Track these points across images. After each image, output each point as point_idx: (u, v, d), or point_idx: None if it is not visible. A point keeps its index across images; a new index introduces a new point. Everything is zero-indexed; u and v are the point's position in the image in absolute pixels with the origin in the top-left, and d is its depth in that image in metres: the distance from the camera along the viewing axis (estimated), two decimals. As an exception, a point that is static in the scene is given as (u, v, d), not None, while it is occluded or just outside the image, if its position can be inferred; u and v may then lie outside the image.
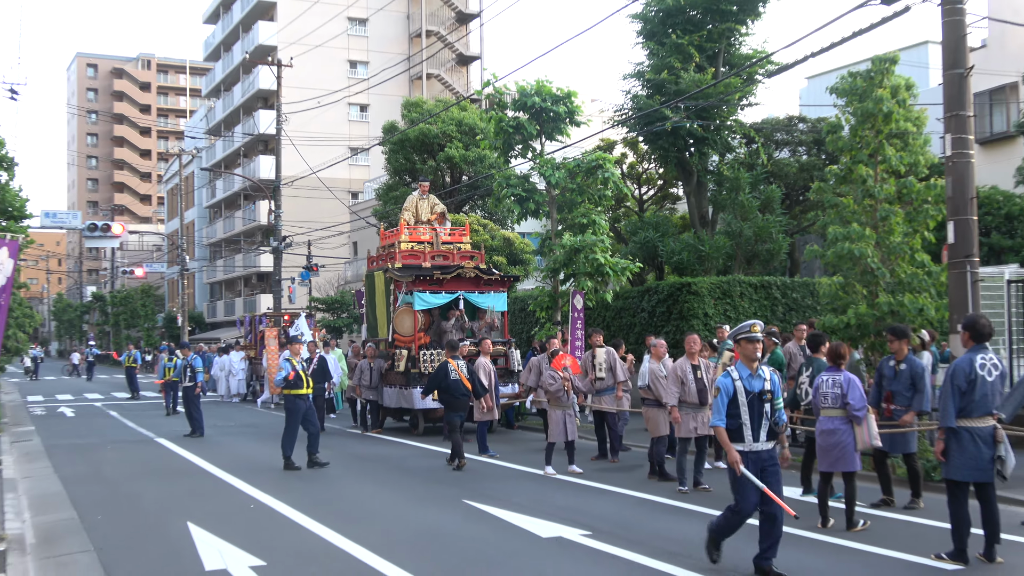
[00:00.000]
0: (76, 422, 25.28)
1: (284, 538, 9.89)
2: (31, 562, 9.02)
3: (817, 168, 28.72)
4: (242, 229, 67.68)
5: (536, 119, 23.09)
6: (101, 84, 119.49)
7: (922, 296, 15.10)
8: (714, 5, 29.13)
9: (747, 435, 7.72)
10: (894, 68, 16.34)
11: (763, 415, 7.80)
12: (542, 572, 8.25)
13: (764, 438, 7.82)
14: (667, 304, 24.02)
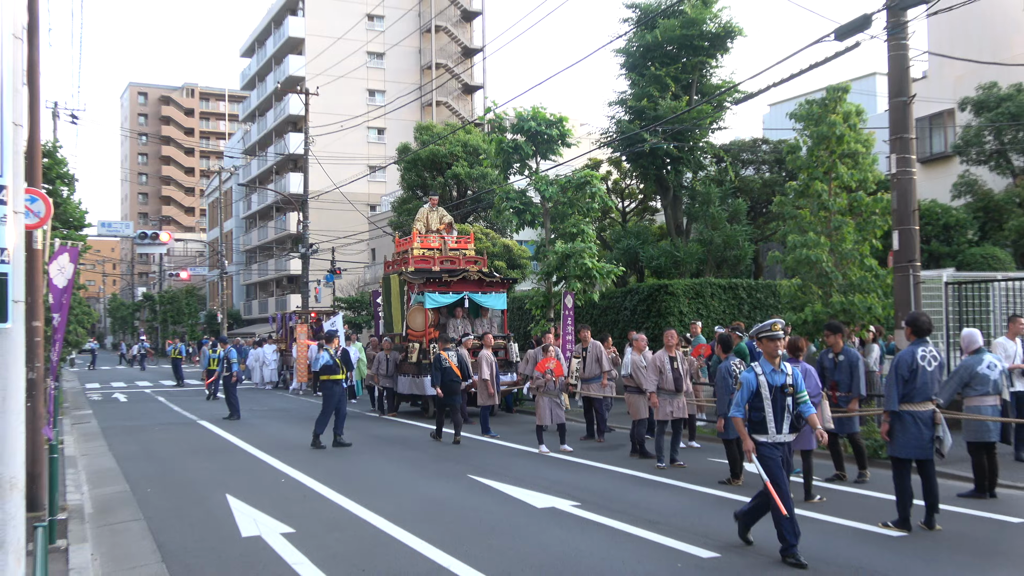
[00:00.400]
0: (128, 406, 25.26)
1: (311, 508, 9.89)
2: (89, 529, 9.01)
3: (778, 184, 28.71)
4: (274, 237, 67.67)
5: (532, 141, 23.11)
6: (150, 110, 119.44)
7: (870, 296, 15.11)
8: (688, 41, 29.17)
9: (770, 427, 7.43)
10: (846, 96, 16.37)
11: (785, 408, 7.48)
12: (537, 538, 8.23)
13: (787, 430, 7.49)
14: (647, 303, 24.02)
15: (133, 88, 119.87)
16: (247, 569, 7.39)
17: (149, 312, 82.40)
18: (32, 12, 9.28)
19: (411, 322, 21.00)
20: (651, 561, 7.37)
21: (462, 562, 7.33)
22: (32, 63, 9.16)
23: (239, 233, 76.53)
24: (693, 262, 28.26)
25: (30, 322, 8.96)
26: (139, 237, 58.75)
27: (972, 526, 8.52)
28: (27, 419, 5.57)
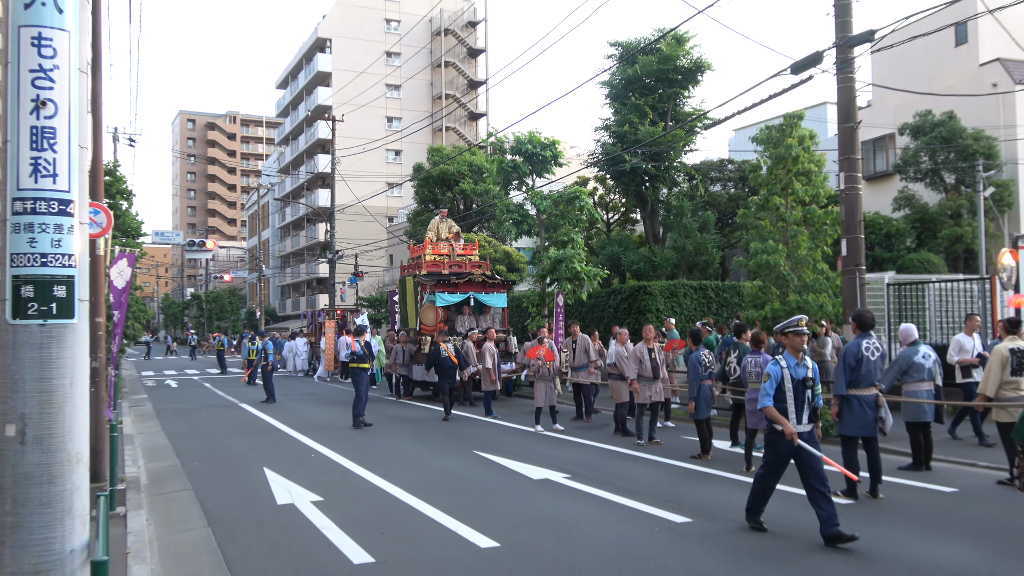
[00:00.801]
0: (179, 392, 25.25)
1: (337, 479, 9.88)
2: (144, 498, 9.01)
3: (742, 198, 28.72)
4: (305, 245, 67.73)
5: (529, 161, 23.13)
6: (198, 134, 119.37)
7: (822, 296, 15.13)
8: (664, 75, 29.20)
9: (792, 418, 6.94)
10: (800, 122, 16.39)
11: (805, 400, 6.95)
12: (533, 505, 8.22)
13: (806, 420, 6.93)
14: (628, 302, 24.01)
15: (183, 115, 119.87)
16: (281, 532, 7.38)
17: (196, 309, 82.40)
18: (95, 50, 9.28)
19: (424, 318, 21.00)
20: (632, 525, 7.37)
21: (467, 525, 7.32)
22: (95, 94, 9.16)
23: (275, 241, 76.57)
24: (668, 266, 28.27)
25: (93, 318, 8.96)
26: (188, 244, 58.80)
27: (911, 495, 8.53)
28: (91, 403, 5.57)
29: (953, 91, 28.46)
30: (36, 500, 3.06)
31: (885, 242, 26.65)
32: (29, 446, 3.06)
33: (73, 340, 3.19)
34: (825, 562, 6.17)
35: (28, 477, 3.06)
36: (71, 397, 3.16)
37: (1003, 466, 9.30)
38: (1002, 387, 9.02)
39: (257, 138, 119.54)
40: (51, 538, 3.07)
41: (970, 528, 7.13)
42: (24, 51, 3.20)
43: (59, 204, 3.20)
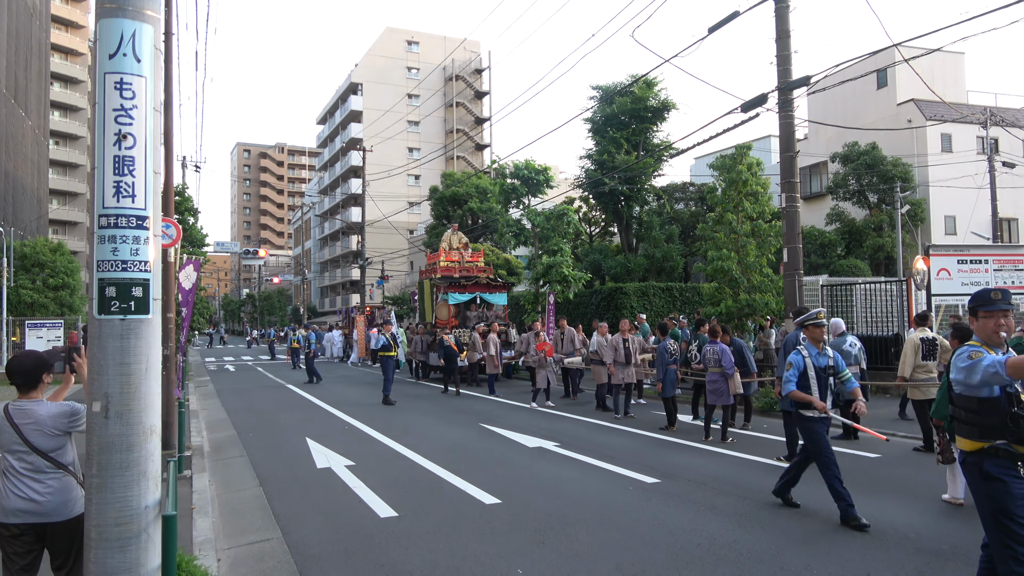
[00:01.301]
0: (236, 375, 25.21)
1: (366, 447, 9.86)
2: (207, 463, 8.99)
3: (701, 215, 28.78)
4: (340, 253, 67.66)
5: (525, 184, 23.15)
6: (252, 162, 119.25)
7: (767, 295, 15.12)
8: (636, 113, 29.22)
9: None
10: (749, 152, 16.38)
11: (828, 387, 6.25)
12: (528, 468, 8.21)
13: (829, 405, 6.22)
14: (607, 300, 24.01)
15: (240, 146, 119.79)
16: (320, 491, 7.37)
17: (251, 307, 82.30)
18: (168, 92, 9.28)
19: (438, 314, 20.99)
20: (611, 484, 7.36)
21: (474, 485, 7.31)
22: (167, 129, 9.15)
23: (315, 250, 76.53)
24: (640, 271, 28.28)
25: (165, 314, 8.95)
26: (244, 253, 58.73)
27: (842, 460, 8.46)
28: (162, 384, 5.55)
29: (875, 126, 28.47)
30: (117, 465, 3.06)
31: (820, 251, 26.65)
32: (111, 420, 3.06)
33: (148, 332, 3.19)
34: (771, 515, 6.16)
35: (110, 446, 3.06)
36: (146, 379, 3.15)
37: (917, 436, 9.30)
38: (915, 370, 9.02)
39: (301, 165, 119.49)
40: (129, 496, 3.07)
41: (890, 488, 7.13)
42: (108, 93, 3.20)
43: (137, 220, 3.20)
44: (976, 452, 3.64)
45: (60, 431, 3.60)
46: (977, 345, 3.71)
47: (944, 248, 14.86)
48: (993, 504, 3.57)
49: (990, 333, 3.71)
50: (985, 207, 26.29)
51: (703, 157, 36.87)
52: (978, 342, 3.75)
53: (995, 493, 3.55)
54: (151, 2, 3.30)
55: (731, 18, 11.94)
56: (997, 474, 3.54)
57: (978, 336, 3.80)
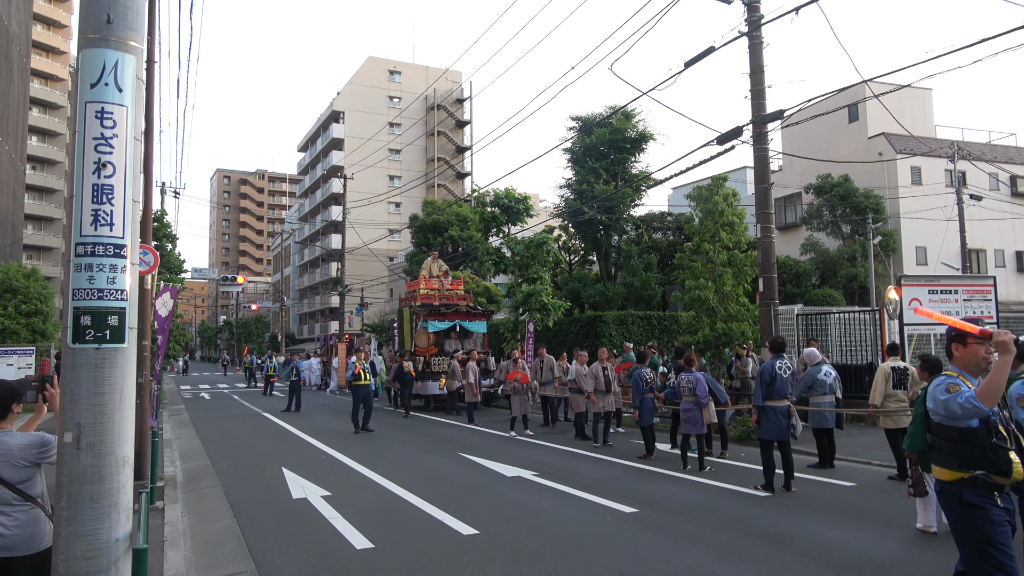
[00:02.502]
0: (211, 403, 24.82)
1: (343, 477, 9.73)
2: (180, 493, 8.81)
3: (679, 244, 29.07)
4: (320, 280, 67.26)
5: (505, 212, 23.26)
6: (232, 188, 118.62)
7: (744, 324, 15.22)
8: (615, 143, 29.59)
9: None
10: (725, 183, 16.60)
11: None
12: (507, 498, 8.15)
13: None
14: (587, 328, 24.06)
15: (220, 172, 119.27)
16: (296, 522, 7.26)
17: (228, 334, 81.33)
18: (149, 120, 9.25)
19: (418, 341, 20.88)
20: (590, 514, 7.33)
21: (452, 515, 7.24)
22: (147, 156, 9.12)
23: (295, 277, 76.05)
24: (619, 299, 28.42)
25: (140, 341, 8.84)
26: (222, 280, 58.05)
27: (818, 489, 8.56)
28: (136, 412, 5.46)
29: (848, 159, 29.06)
30: (88, 496, 3.01)
31: (795, 280, 26.98)
32: (83, 450, 3.01)
33: (123, 361, 3.16)
34: (747, 545, 6.16)
35: (81, 477, 3.01)
36: (120, 409, 3.11)
37: (892, 464, 9.38)
38: (886, 399, 9.13)
39: (281, 191, 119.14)
40: (99, 529, 3.01)
41: (865, 516, 7.17)
42: (89, 122, 3.20)
43: (114, 248, 3.19)
44: (955, 482, 3.65)
45: (29, 462, 3.53)
46: (954, 376, 3.70)
47: (915, 278, 15.13)
48: (974, 532, 3.57)
49: (979, 360, 3.69)
50: (954, 238, 26.86)
51: (681, 187, 37.36)
52: (955, 372, 3.74)
53: (975, 521, 3.56)
54: (134, 33, 3.32)
55: (707, 53, 12.20)
56: (976, 502, 3.55)
57: (957, 365, 3.77)
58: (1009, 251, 31.78)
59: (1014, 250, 31.83)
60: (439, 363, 20.07)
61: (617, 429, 14.25)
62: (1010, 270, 31.48)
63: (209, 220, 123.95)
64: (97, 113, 3.20)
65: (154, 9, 9.42)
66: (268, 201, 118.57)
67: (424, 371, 20.04)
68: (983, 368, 3.67)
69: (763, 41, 12.70)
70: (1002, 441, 3.53)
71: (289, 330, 70.68)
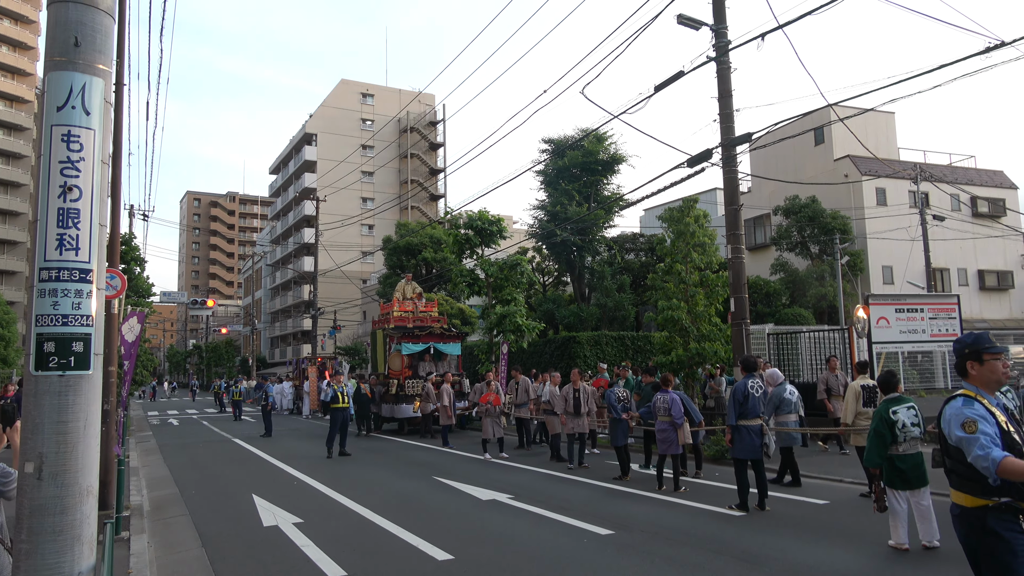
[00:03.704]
0: (180, 428, 24.33)
1: (316, 503, 9.57)
2: (146, 523, 8.59)
3: (651, 265, 29.32)
4: (292, 303, 66.57)
5: (479, 234, 23.27)
6: (203, 211, 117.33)
7: (716, 343, 15.35)
8: (588, 166, 29.88)
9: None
10: (696, 205, 16.82)
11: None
12: (482, 522, 8.07)
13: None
14: (561, 349, 24.08)
15: (190, 194, 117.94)
16: (266, 551, 7.11)
17: (198, 358, 79.97)
18: (117, 142, 9.16)
19: (391, 364, 20.71)
20: (565, 537, 7.28)
21: (426, 541, 7.15)
22: (115, 179, 9.01)
23: (266, 300, 75.19)
24: (593, 320, 28.51)
25: (106, 367, 8.65)
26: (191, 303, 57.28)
27: (792, 507, 8.60)
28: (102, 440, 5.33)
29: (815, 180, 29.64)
30: (49, 529, 2.92)
31: (765, 300, 27.32)
32: (45, 481, 2.93)
33: (88, 388, 3.09)
34: (723, 565, 6.16)
35: (43, 509, 2.92)
36: (84, 438, 3.04)
37: (863, 482, 9.47)
38: (857, 416, 9.24)
39: (252, 214, 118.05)
40: (61, 563, 2.92)
41: (839, 534, 7.22)
42: (55, 145, 3.16)
43: (80, 273, 3.13)
44: (978, 508, 3.44)
45: (-11, 494, 3.42)
46: (971, 396, 3.49)
47: (883, 297, 15.43)
48: (994, 562, 3.40)
49: (999, 376, 3.50)
50: (919, 258, 27.46)
51: (652, 209, 37.77)
52: (972, 391, 3.53)
53: (996, 550, 3.38)
54: (102, 56, 3.29)
55: (676, 77, 12.42)
56: (1000, 530, 3.37)
57: (974, 383, 3.55)
58: (971, 270, 32.56)
59: (976, 269, 32.61)
60: (413, 386, 19.91)
61: (593, 450, 14.23)
62: (973, 289, 32.22)
63: (179, 243, 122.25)
64: (64, 136, 3.16)
65: (123, 32, 9.36)
66: (239, 223, 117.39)
67: (398, 394, 19.87)
68: (1002, 383, 3.45)
69: (731, 66, 12.96)
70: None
71: (260, 354, 69.73)
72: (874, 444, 6.44)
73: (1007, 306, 32.95)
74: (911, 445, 6.50)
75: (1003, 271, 33.04)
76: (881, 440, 6.40)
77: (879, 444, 6.40)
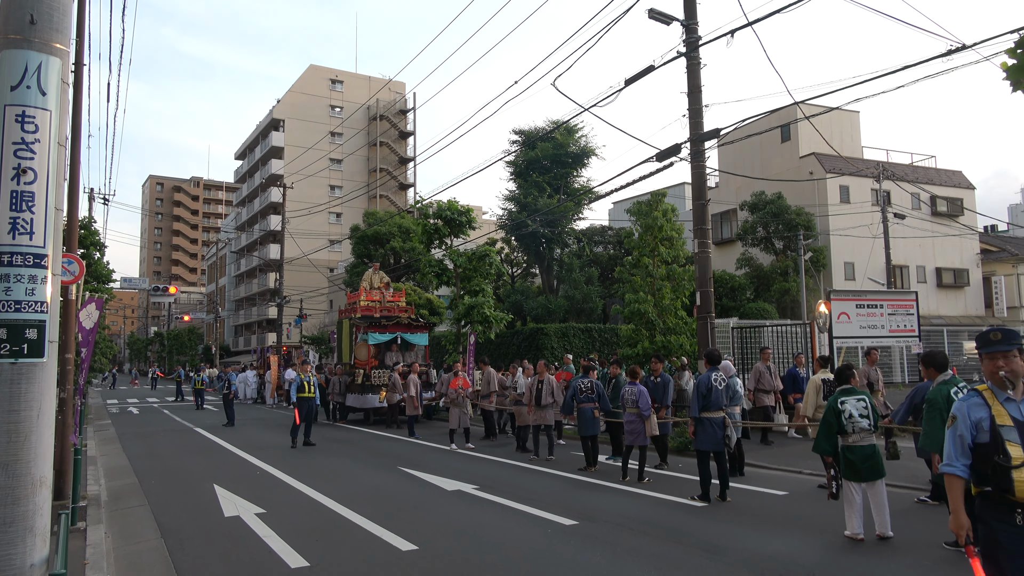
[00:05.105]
0: (140, 417, 23.88)
1: (279, 494, 9.48)
2: (104, 513, 8.43)
3: (619, 258, 29.51)
4: (257, 291, 65.61)
5: (448, 225, 23.19)
6: (166, 196, 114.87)
7: (682, 336, 15.54)
8: (558, 158, 29.93)
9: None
10: (664, 199, 16.97)
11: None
12: (447, 513, 8.08)
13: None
14: (529, 341, 24.16)
15: (153, 179, 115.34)
16: (227, 541, 7.03)
17: (159, 346, 78.49)
18: (76, 123, 8.89)
19: (357, 354, 20.57)
20: (530, 528, 7.33)
21: (391, 531, 7.13)
22: (74, 161, 8.77)
23: (231, 287, 74.01)
24: (561, 312, 28.64)
25: (63, 355, 8.45)
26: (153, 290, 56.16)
27: (753, 498, 8.75)
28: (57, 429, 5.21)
29: (780, 177, 30.07)
30: (0, 520, 2.85)
31: (730, 294, 27.68)
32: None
33: (42, 376, 3.01)
34: (684, 555, 6.25)
35: (-6, 499, 2.85)
36: (37, 427, 2.96)
37: (822, 473, 9.67)
38: (817, 410, 9.43)
39: (217, 200, 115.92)
40: (12, 555, 2.85)
41: (797, 524, 7.37)
42: (8, 126, 3.06)
43: (34, 258, 3.05)
44: (976, 495, 3.59)
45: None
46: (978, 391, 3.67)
47: (844, 293, 15.74)
48: (983, 547, 3.50)
49: (991, 374, 3.65)
50: (880, 255, 28.06)
51: (621, 202, 37.98)
52: (983, 385, 3.72)
53: (982, 537, 3.51)
54: (59, 35, 3.20)
55: (647, 72, 12.47)
56: (987, 518, 3.48)
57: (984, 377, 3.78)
58: (930, 267, 33.39)
59: (934, 266, 33.45)
60: (380, 376, 19.81)
61: (559, 441, 14.30)
62: (931, 286, 33.06)
63: (141, 228, 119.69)
64: (17, 117, 3.07)
65: (83, 10, 9.09)
66: (203, 209, 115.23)
67: (364, 384, 19.75)
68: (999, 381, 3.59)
69: (700, 62, 13.06)
70: (1006, 460, 3.42)
71: (224, 342, 68.69)
72: (821, 432, 6.79)
73: (963, 303, 33.88)
74: (861, 437, 6.67)
75: (960, 269, 33.94)
76: (828, 428, 6.70)
77: (826, 432, 6.73)
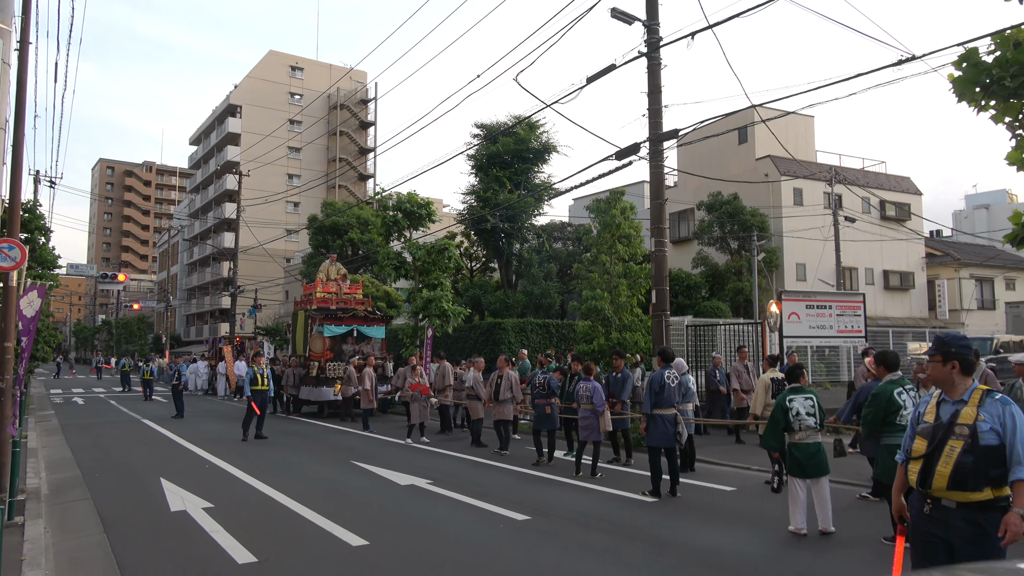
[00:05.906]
0: (85, 408, 23.20)
1: (228, 488, 9.32)
2: (44, 507, 8.17)
3: (577, 255, 29.68)
4: (210, 280, 64.19)
5: (408, 217, 22.99)
6: (116, 180, 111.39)
7: (637, 334, 15.70)
8: (519, 153, 29.95)
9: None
10: (623, 197, 17.09)
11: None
12: (400, 508, 8.05)
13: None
14: (486, 335, 24.17)
15: (103, 162, 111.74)
16: (173, 537, 6.88)
17: (107, 334, 76.28)
18: (20, 105, 8.56)
19: (313, 346, 20.31)
20: (482, 522, 7.35)
21: (341, 527, 7.08)
22: (17, 143, 8.44)
23: (183, 276, 72.27)
24: (519, 307, 28.72)
25: (2, 343, 8.16)
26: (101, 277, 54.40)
27: (702, 494, 8.91)
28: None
29: (737, 178, 30.57)
30: (-71, 516, 2.74)
31: (686, 292, 28.09)
32: (-75, 465, 2.74)
33: (-24, 367, 2.90)
34: (634, 550, 6.34)
35: (-78, 495, 2.74)
36: (-30, 420, 2.86)
37: (769, 469, 9.90)
38: (766, 408, 9.63)
39: (171, 186, 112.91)
40: (-59, 552, 2.75)
41: (744, 519, 7.54)
42: (-58, 106, 2.94)
43: (-31, 244, 2.93)
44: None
45: None
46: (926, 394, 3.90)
47: (795, 293, 16.12)
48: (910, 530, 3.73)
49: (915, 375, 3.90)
50: (831, 257, 28.78)
51: (581, 199, 38.19)
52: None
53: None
54: (1, 14, 3.07)
55: (608, 70, 12.55)
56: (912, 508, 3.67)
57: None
58: (878, 270, 34.37)
59: (882, 269, 34.45)
60: (335, 368, 19.61)
61: (513, 436, 14.35)
62: (878, 288, 34.05)
63: (90, 213, 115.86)
64: (-47, 97, 2.94)
65: (29, -15, 8.74)
66: (155, 195, 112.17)
67: (319, 376, 19.53)
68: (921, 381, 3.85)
69: (661, 62, 13.19)
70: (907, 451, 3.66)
71: (175, 331, 67.12)
72: (769, 428, 7.04)
73: (908, 305, 34.98)
74: (807, 434, 6.87)
75: (906, 272, 35.02)
76: (775, 425, 6.92)
77: (773, 428, 6.96)
